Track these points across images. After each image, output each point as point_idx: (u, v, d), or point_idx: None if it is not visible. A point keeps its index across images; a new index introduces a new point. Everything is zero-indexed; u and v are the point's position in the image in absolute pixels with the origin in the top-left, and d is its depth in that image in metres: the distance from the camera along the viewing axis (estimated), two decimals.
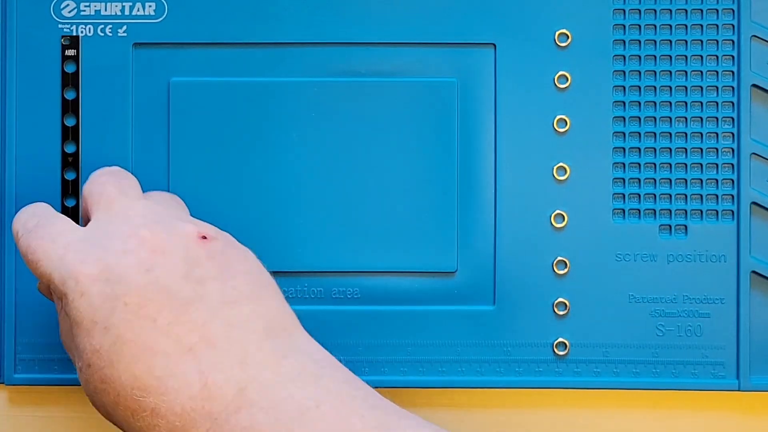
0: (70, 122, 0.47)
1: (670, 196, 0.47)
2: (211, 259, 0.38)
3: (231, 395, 0.35)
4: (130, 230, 0.38)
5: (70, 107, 0.47)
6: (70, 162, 0.47)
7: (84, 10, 0.47)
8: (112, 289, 0.37)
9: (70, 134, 0.47)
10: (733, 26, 0.47)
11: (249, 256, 0.40)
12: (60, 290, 0.38)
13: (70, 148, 0.47)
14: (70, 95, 0.47)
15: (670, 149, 0.47)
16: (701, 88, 0.47)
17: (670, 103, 0.47)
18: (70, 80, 0.47)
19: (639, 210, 0.47)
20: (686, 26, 0.47)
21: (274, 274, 0.41)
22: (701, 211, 0.47)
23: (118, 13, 0.47)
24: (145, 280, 0.37)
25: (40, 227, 0.40)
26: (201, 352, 0.36)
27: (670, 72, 0.47)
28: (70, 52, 0.47)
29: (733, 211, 0.47)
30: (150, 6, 0.47)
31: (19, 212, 0.42)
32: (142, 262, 0.37)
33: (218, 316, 0.37)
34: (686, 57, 0.47)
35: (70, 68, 0.47)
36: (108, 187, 0.41)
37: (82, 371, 0.38)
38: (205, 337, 0.36)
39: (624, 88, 0.47)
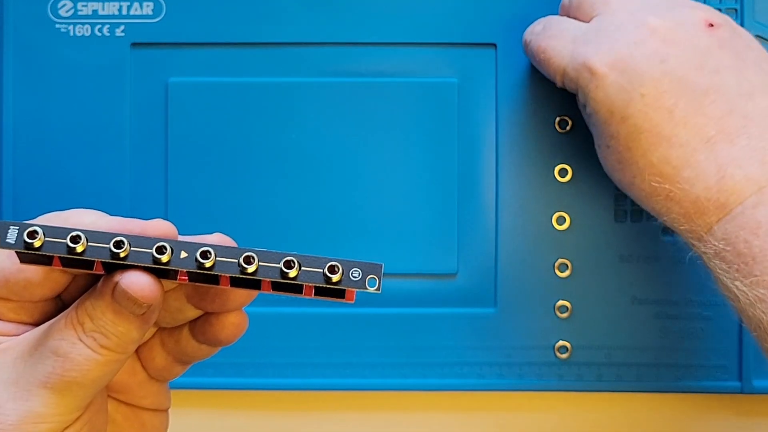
0: (68, 121, 0.47)
1: None
2: (722, 48, 0.38)
3: (749, 191, 0.36)
4: (638, 20, 0.39)
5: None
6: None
7: (81, 10, 0.47)
8: (628, 80, 0.38)
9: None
10: None
11: (753, 44, 0.39)
12: (574, 84, 0.40)
13: (68, 149, 0.47)
14: (67, 94, 0.47)
15: None
16: None
17: None
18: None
19: (641, 211, 0.47)
20: None
21: None
22: None
23: (116, 13, 0.47)
24: (660, 71, 0.37)
25: (546, 29, 0.42)
26: (718, 146, 0.37)
27: None
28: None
29: None
30: (148, 6, 0.47)
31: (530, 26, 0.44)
32: (655, 53, 0.38)
33: (734, 109, 0.37)
34: None
35: (68, 68, 0.47)
36: None
37: (601, 149, 0.40)
38: (722, 131, 0.37)
39: None
